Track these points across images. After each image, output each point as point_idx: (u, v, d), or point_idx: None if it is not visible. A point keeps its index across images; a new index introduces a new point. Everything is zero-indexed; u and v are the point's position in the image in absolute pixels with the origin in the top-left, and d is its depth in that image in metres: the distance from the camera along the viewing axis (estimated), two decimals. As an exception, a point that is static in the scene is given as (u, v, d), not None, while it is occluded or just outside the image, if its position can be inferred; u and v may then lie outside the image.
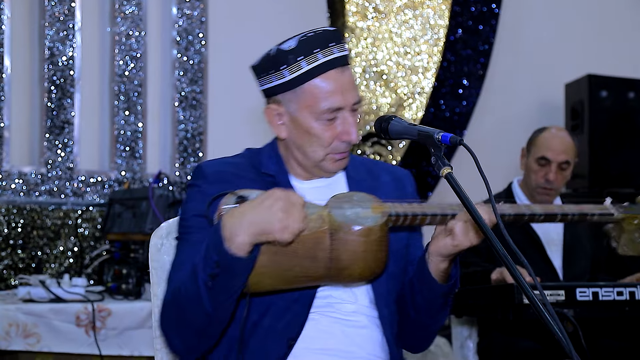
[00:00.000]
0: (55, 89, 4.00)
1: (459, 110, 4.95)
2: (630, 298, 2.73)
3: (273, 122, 1.91)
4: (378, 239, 1.73)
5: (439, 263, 1.82)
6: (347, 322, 1.86)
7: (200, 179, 1.89)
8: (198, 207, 1.82)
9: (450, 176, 1.69)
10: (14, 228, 3.83)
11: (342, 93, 1.83)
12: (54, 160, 3.97)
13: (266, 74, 1.87)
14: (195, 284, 1.67)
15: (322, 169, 1.91)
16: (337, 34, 1.87)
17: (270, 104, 1.90)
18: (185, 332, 1.76)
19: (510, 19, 5.11)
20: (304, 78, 1.82)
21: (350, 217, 1.72)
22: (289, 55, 1.82)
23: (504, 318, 2.71)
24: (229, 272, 1.64)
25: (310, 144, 1.86)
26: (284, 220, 1.62)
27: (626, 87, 4.89)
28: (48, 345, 3.04)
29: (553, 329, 1.46)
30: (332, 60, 1.83)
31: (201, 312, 1.69)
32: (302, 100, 1.83)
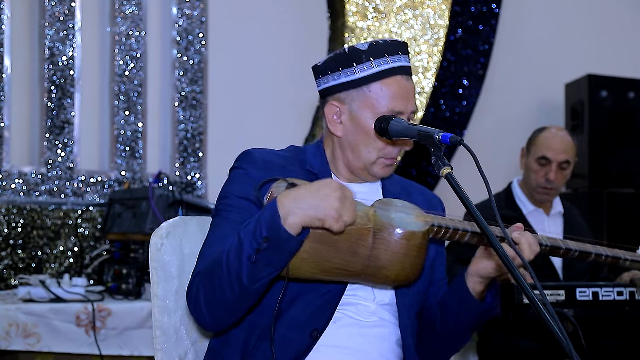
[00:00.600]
0: (55, 89, 4.00)
1: (459, 110, 4.95)
2: (630, 298, 2.74)
3: (331, 120, 1.95)
4: (418, 245, 1.77)
5: (475, 285, 1.86)
6: (369, 323, 1.89)
7: (248, 163, 1.92)
8: (243, 189, 1.86)
9: (450, 176, 1.69)
10: (14, 228, 3.83)
11: (404, 99, 1.89)
12: (54, 160, 3.97)
13: (334, 70, 1.92)
14: (238, 255, 1.69)
15: (370, 172, 1.95)
16: (405, 46, 1.95)
17: (332, 101, 1.94)
18: (215, 304, 1.76)
19: (510, 18, 5.11)
20: (372, 78, 1.89)
21: (395, 219, 1.77)
22: (362, 55, 1.89)
23: (504, 318, 2.72)
24: (276, 248, 1.67)
25: (366, 145, 1.91)
26: (339, 210, 1.66)
27: (626, 87, 4.89)
28: (48, 345, 3.04)
29: (553, 328, 1.46)
30: (399, 67, 1.91)
31: (237, 285, 1.71)
32: (366, 99, 1.89)
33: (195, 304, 1.80)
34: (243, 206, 1.84)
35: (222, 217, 1.87)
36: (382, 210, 1.78)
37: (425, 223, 1.79)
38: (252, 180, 1.84)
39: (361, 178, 1.98)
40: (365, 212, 1.76)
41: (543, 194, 3.33)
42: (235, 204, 1.86)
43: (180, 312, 2.00)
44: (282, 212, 1.65)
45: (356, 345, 1.86)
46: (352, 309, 1.89)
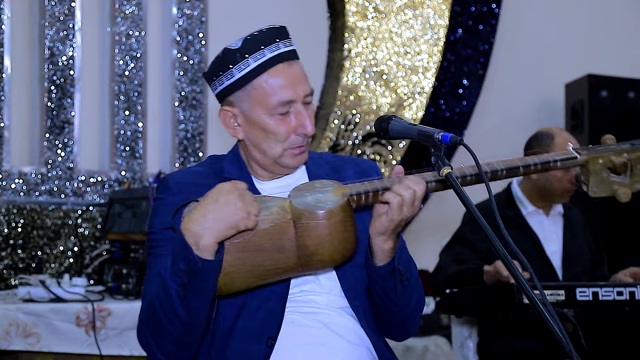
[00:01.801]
0: (55, 89, 4.00)
1: (459, 110, 4.95)
2: (630, 298, 2.73)
3: (229, 125, 1.92)
4: (341, 220, 1.73)
5: (382, 243, 1.80)
6: (323, 315, 1.86)
7: (164, 192, 1.91)
8: (164, 220, 1.83)
9: (450, 176, 1.69)
10: (14, 228, 3.83)
11: (292, 86, 1.84)
12: (54, 160, 3.97)
13: (216, 76, 1.88)
14: (167, 295, 1.68)
15: (282, 165, 1.91)
16: (283, 30, 1.88)
17: (224, 106, 1.91)
18: (165, 344, 1.76)
19: (511, 18, 5.11)
20: (252, 75, 1.83)
21: (311, 203, 1.73)
22: (236, 54, 1.84)
23: (504, 318, 2.71)
24: (199, 277, 1.65)
25: (267, 141, 1.87)
26: (245, 208, 1.65)
27: (626, 87, 4.89)
28: (48, 345, 3.03)
29: (553, 328, 1.46)
30: (278, 55, 1.84)
31: (177, 321, 1.71)
32: (254, 97, 1.84)
33: (149, 353, 1.80)
34: (169, 237, 1.80)
35: (153, 253, 1.87)
36: (298, 197, 1.75)
37: (343, 195, 1.74)
38: (169, 209, 1.81)
39: (278, 173, 1.95)
40: (281, 206, 1.73)
41: (567, 196, 3.31)
42: (160, 237, 1.85)
43: (180, 312, 2.00)
44: (191, 239, 1.63)
45: (320, 340, 1.84)
46: (304, 306, 1.86)
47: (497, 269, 2.88)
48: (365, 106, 4.80)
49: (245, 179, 1.90)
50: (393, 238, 1.80)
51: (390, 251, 1.81)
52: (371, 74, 4.82)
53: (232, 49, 1.85)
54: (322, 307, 1.87)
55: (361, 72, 4.80)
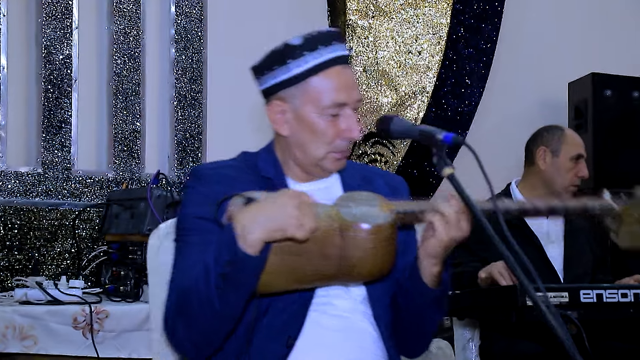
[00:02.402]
0: (52, 88, 3.99)
1: (461, 110, 4.93)
2: (634, 300, 2.72)
3: (275, 120, 1.92)
4: (387, 237, 1.74)
5: (431, 267, 1.82)
6: (345, 319, 1.88)
7: (197, 181, 1.90)
8: (198, 209, 1.84)
9: (452, 177, 1.68)
10: (10, 229, 3.82)
11: (346, 89, 1.86)
12: (51, 160, 3.96)
13: (270, 70, 1.89)
14: (207, 284, 1.68)
15: (322, 168, 1.92)
16: (340, 35, 1.91)
17: (274, 101, 1.91)
18: (193, 332, 1.76)
19: (513, 17, 5.09)
20: (309, 72, 1.85)
21: (359, 215, 1.74)
22: (296, 50, 1.85)
23: (507, 320, 2.70)
24: (240, 271, 1.65)
25: (313, 141, 1.88)
26: (300, 218, 1.65)
27: (630, 85, 4.88)
28: (45, 348, 3.02)
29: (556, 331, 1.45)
30: (336, 57, 1.87)
31: (210, 312, 1.70)
32: (307, 94, 1.86)
33: (174, 338, 1.80)
34: (201, 226, 1.81)
35: (184, 241, 1.85)
36: (345, 207, 1.76)
37: (391, 212, 1.76)
38: (205, 198, 1.82)
39: (315, 175, 1.96)
40: (328, 214, 1.74)
41: (572, 191, 3.35)
42: (193, 226, 1.84)
43: (178, 315, 1.97)
44: (240, 231, 1.64)
45: (336, 341, 1.85)
46: (328, 308, 1.87)
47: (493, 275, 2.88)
48: (366, 106, 4.78)
49: (279, 178, 1.93)
50: (441, 263, 1.82)
51: (437, 275, 1.84)
52: (372, 73, 4.80)
53: (292, 44, 1.86)
54: (345, 311, 1.89)
55: (362, 71, 4.78)
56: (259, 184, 1.90)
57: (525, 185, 3.41)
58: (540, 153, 3.37)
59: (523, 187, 3.41)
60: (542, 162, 3.36)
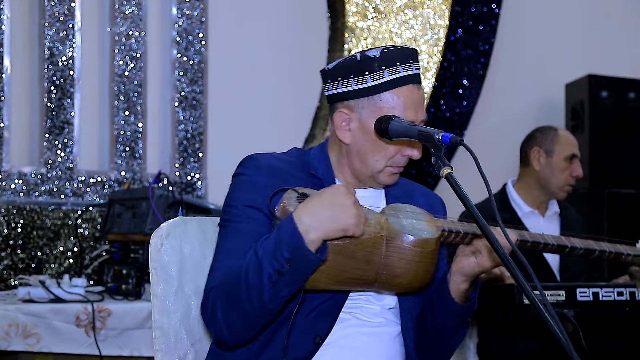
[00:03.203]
0: (55, 89, 3.99)
1: (459, 110, 4.94)
2: (630, 298, 2.73)
3: (340, 127, 1.92)
4: (431, 252, 1.77)
5: (460, 283, 1.85)
6: (373, 325, 1.89)
7: (252, 169, 1.90)
8: (250, 196, 1.85)
9: (450, 176, 1.69)
10: (13, 228, 3.82)
11: (415, 108, 1.87)
12: (54, 160, 3.97)
13: (345, 77, 1.89)
14: (259, 275, 1.68)
15: (377, 180, 1.94)
16: (416, 53, 1.91)
17: (342, 108, 1.91)
18: (233, 316, 1.76)
19: (511, 18, 5.10)
20: (383, 87, 1.86)
21: (407, 227, 1.77)
22: (374, 63, 1.86)
23: (504, 318, 2.71)
24: (298, 268, 1.66)
25: (374, 154, 1.90)
26: (358, 216, 1.67)
27: (627, 87, 4.89)
28: (48, 346, 3.03)
29: (553, 329, 1.46)
30: (411, 75, 1.88)
31: (257, 302, 1.71)
32: (377, 108, 1.86)
33: (213, 320, 1.79)
34: (251, 215, 1.83)
35: (231, 227, 1.86)
36: (393, 217, 1.78)
37: (437, 229, 1.79)
38: (257, 188, 1.83)
39: (366, 184, 1.97)
40: (377, 220, 1.76)
41: (568, 191, 3.37)
42: (243, 213, 1.85)
43: (180, 313, 2.00)
44: (302, 229, 1.64)
45: (361, 344, 1.86)
46: (357, 311, 1.89)
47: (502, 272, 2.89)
48: (365, 106, 4.79)
49: (330, 180, 1.94)
50: (471, 281, 1.85)
51: (465, 292, 1.87)
52: (371, 74, 4.81)
53: (370, 56, 1.87)
54: (374, 316, 1.90)
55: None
56: (309, 182, 1.91)
57: (521, 186, 3.42)
58: (535, 154, 3.39)
59: (519, 188, 3.42)
60: (536, 162, 3.38)
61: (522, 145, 3.48)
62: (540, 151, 3.39)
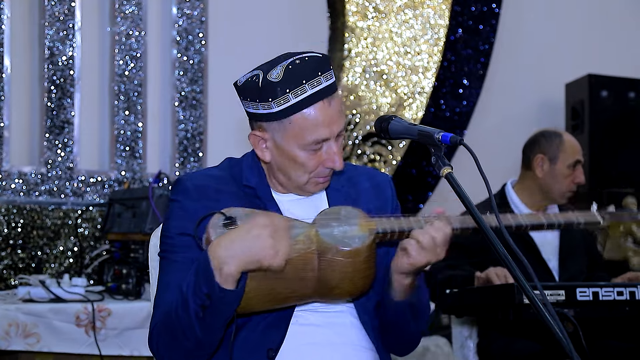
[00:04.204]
0: (55, 89, 4.00)
1: (459, 110, 4.95)
2: (630, 298, 2.72)
3: (257, 146, 1.88)
4: (365, 259, 1.75)
5: (402, 280, 1.82)
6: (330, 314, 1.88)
7: (181, 194, 1.88)
8: (181, 224, 1.83)
9: (450, 176, 1.69)
10: (13, 228, 3.82)
11: (328, 125, 1.81)
12: (54, 160, 3.97)
13: (252, 100, 1.83)
14: (186, 311, 1.69)
15: (304, 190, 1.91)
16: (326, 62, 1.82)
17: (255, 130, 1.88)
18: (175, 354, 1.78)
19: (511, 18, 5.11)
20: (291, 111, 1.78)
21: (338, 237, 1.74)
22: (277, 88, 1.77)
23: (504, 318, 2.71)
24: (219, 303, 1.66)
25: (295, 170, 1.86)
26: (275, 246, 1.64)
27: (626, 87, 4.89)
28: (48, 345, 3.03)
29: (553, 328, 1.46)
30: (319, 91, 1.79)
31: (192, 338, 1.72)
32: (289, 131, 1.80)
33: (158, 354, 1.81)
34: (185, 243, 1.81)
35: (167, 259, 1.85)
36: (324, 227, 1.75)
37: (370, 232, 1.75)
38: (188, 213, 1.81)
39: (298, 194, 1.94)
40: (307, 235, 1.73)
41: (568, 197, 3.33)
42: (177, 242, 1.83)
43: (180, 313, 1.99)
44: (215, 263, 1.63)
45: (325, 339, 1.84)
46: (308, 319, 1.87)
47: (489, 278, 2.89)
48: (365, 106, 4.79)
49: (264, 189, 1.91)
50: (413, 276, 1.83)
51: (410, 286, 1.84)
52: (371, 74, 4.82)
53: (272, 81, 1.77)
54: (329, 307, 1.88)
55: (361, 72, 4.79)
56: (242, 194, 1.89)
57: (521, 188, 3.37)
58: (538, 161, 3.32)
59: (519, 190, 3.37)
60: (539, 169, 3.32)
61: (525, 149, 3.41)
62: (544, 158, 3.31)
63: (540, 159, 3.32)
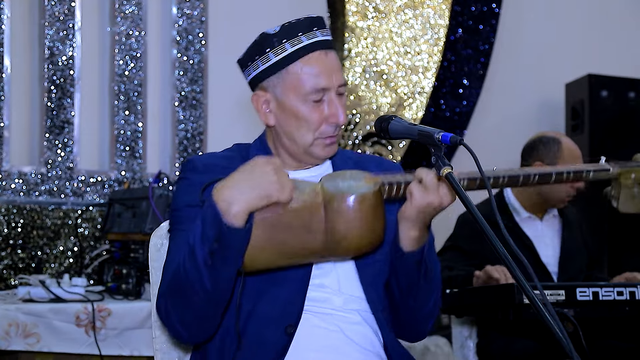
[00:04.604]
0: (55, 89, 4.00)
1: (459, 110, 4.95)
2: (630, 298, 2.72)
3: (260, 110, 1.92)
4: (372, 207, 1.72)
5: (408, 230, 1.80)
6: (338, 317, 1.86)
7: (189, 172, 1.90)
8: (189, 198, 1.84)
9: (450, 176, 1.68)
10: (14, 228, 3.83)
11: (327, 74, 1.84)
12: (54, 160, 3.97)
13: (252, 60, 1.89)
14: (194, 263, 1.67)
15: (312, 155, 1.91)
16: (320, 20, 1.90)
17: (257, 91, 1.91)
18: (186, 314, 1.75)
19: (511, 18, 5.11)
20: (288, 60, 1.84)
21: (343, 188, 1.72)
22: (273, 39, 1.85)
23: (504, 318, 2.71)
24: (227, 245, 1.64)
25: (299, 129, 1.87)
26: (279, 181, 1.65)
27: (626, 86, 4.90)
28: (48, 345, 3.03)
29: (553, 328, 1.46)
30: (315, 42, 1.86)
31: (201, 291, 1.69)
32: (288, 82, 1.85)
33: (167, 319, 1.78)
34: (192, 215, 1.80)
35: (175, 229, 1.86)
36: (330, 182, 1.74)
37: (375, 184, 1.73)
38: (196, 187, 1.81)
39: (307, 163, 1.94)
40: (313, 188, 1.72)
41: (567, 201, 3.30)
42: (184, 214, 1.84)
43: (180, 313, 1.99)
44: (222, 205, 1.63)
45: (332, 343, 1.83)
46: (321, 306, 1.85)
47: (488, 273, 2.89)
48: (365, 106, 4.80)
49: None
50: (419, 227, 1.80)
51: (417, 240, 1.81)
52: (371, 74, 4.82)
53: (269, 33, 1.86)
54: (338, 308, 1.86)
55: (361, 72, 4.80)
56: None
57: (521, 191, 3.35)
58: None
59: (518, 193, 3.35)
60: None
61: (524, 154, 3.38)
62: (542, 166, 3.24)
63: (538, 166, 3.30)
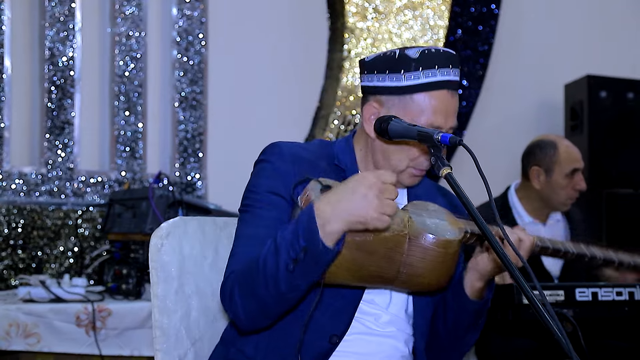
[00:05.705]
0: (55, 90, 4.00)
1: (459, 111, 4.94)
2: (629, 298, 2.73)
3: (368, 119, 1.91)
4: (454, 253, 1.76)
5: (475, 281, 1.85)
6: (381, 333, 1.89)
7: (275, 156, 1.88)
8: (271, 183, 1.84)
9: (450, 176, 1.69)
10: (14, 228, 3.83)
11: (445, 114, 1.86)
12: (54, 160, 3.98)
13: (381, 72, 1.87)
14: (276, 261, 1.67)
15: (398, 180, 1.89)
16: (457, 59, 1.88)
17: (373, 102, 1.90)
18: (251, 304, 1.75)
19: (510, 19, 5.11)
20: (417, 88, 1.84)
21: (430, 226, 1.75)
22: (412, 62, 1.83)
23: (503, 318, 2.72)
24: (313, 260, 1.64)
25: (398, 153, 1.88)
26: (380, 208, 1.62)
27: (626, 87, 4.89)
28: (48, 346, 3.04)
29: (552, 329, 1.46)
30: (447, 81, 1.85)
31: (274, 290, 1.69)
32: (407, 108, 1.85)
33: (231, 303, 1.79)
34: (273, 201, 1.81)
35: (251, 213, 1.85)
36: (417, 215, 1.76)
37: (460, 230, 1.78)
38: (280, 175, 1.82)
39: None
40: (401, 218, 1.74)
41: (570, 204, 3.31)
42: (264, 199, 1.83)
43: (180, 313, 2.00)
44: (320, 220, 1.62)
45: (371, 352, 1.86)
46: (370, 318, 1.88)
47: None
48: (365, 107, 4.79)
49: (353, 171, 1.92)
50: (485, 280, 1.85)
51: (479, 291, 1.87)
52: (371, 75, 4.81)
53: (409, 56, 1.84)
54: (384, 325, 1.89)
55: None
56: (333, 172, 1.89)
57: (523, 196, 3.35)
58: (534, 173, 3.31)
59: (521, 197, 3.35)
60: (536, 181, 3.30)
61: (522, 158, 3.41)
62: (539, 170, 3.30)
63: (536, 171, 3.30)
